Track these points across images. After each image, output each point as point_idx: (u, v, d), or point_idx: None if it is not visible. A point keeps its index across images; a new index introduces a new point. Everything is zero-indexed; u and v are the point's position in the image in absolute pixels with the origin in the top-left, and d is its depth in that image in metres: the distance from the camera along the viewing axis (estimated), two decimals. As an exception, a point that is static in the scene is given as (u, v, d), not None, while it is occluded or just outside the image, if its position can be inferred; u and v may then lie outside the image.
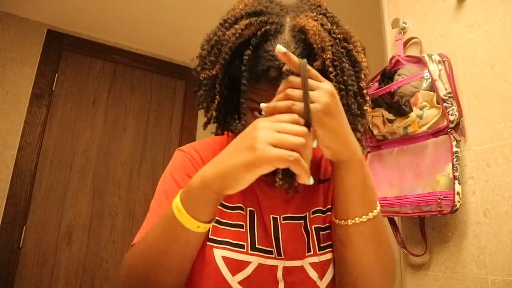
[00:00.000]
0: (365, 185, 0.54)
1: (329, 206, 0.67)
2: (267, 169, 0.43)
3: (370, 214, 0.53)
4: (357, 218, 0.53)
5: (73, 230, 2.08)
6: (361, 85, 0.56)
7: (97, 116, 2.30)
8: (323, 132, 0.48)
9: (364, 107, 0.57)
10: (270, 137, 0.43)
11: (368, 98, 0.58)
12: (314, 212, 0.67)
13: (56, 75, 2.21)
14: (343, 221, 0.54)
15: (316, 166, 0.71)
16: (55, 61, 2.21)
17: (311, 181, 0.44)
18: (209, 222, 0.50)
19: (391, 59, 1.30)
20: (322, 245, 0.65)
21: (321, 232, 0.65)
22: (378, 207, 0.56)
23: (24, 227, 1.96)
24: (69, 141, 2.19)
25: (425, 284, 1.16)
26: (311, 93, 0.46)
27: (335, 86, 0.51)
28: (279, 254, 0.64)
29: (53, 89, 2.19)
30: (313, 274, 0.63)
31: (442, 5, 1.27)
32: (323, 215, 0.66)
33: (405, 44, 1.35)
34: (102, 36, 2.38)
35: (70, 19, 2.21)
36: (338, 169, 0.53)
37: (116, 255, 2.17)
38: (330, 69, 0.52)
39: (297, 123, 0.45)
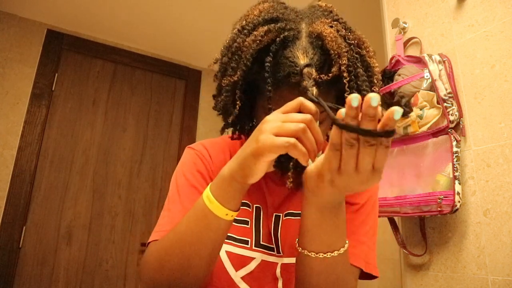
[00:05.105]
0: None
1: None
2: (270, 156, 0.46)
3: (345, 244, 0.54)
4: (341, 249, 0.53)
5: (73, 230, 2.08)
6: (374, 90, 0.58)
7: (97, 116, 2.30)
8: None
9: None
10: (274, 127, 0.46)
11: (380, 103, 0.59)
12: None
13: (56, 75, 2.21)
14: (329, 253, 0.53)
15: None
16: (55, 61, 2.21)
17: (310, 163, 0.46)
18: (236, 210, 0.53)
19: (391, 59, 1.30)
20: None
21: None
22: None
23: (24, 227, 1.96)
24: (69, 141, 2.19)
25: (425, 284, 1.16)
26: None
27: (348, 91, 0.54)
28: (278, 251, 0.65)
29: (53, 89, 2.19)
30: None
31: (442, 5, 1.27)
32: None
33: (405, 44, 1.35)
34: (102, 36, 2.38)
35: (70, 19, 2.21)
36: (334, 207, 0.51)
37: (116, 255, 2.17)
38: (345, 74, 0.53)
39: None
